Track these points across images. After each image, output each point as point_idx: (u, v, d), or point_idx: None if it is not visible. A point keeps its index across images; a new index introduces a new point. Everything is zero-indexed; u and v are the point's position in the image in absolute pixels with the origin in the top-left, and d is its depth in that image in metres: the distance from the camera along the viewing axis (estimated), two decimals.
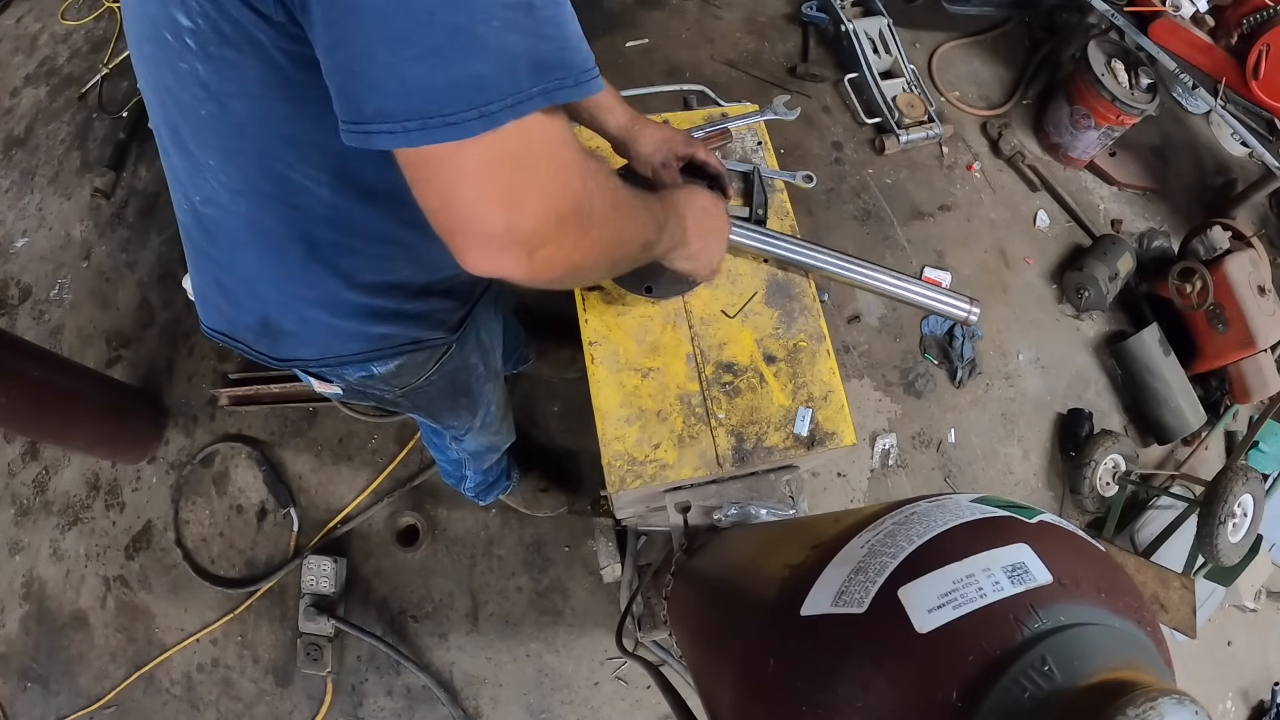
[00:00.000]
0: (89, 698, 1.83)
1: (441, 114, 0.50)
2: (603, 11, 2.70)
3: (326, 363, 0.89)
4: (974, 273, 2.49)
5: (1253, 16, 2.16)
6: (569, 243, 0.60)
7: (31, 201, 2.36)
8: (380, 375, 0.93)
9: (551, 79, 0.53)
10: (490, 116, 0.50)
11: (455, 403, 1.17)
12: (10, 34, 2.71)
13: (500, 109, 0.50)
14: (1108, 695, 0.33)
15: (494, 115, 0.50)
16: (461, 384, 1.11)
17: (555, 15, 0.52)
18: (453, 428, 1.31)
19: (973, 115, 2.76)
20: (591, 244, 0.63)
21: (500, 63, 0.50)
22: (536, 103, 0.52)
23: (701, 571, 0.91)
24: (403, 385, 0.98)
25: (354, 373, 0.92)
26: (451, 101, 0.49)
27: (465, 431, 1.32)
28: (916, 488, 2.19)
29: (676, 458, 1.00)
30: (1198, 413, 2.39)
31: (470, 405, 1.21)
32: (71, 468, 2.02)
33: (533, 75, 0.52)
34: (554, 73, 0.53)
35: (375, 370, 0.91)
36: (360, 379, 0.93)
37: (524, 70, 0.51)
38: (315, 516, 1.96)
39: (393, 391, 0.99)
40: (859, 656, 0.43)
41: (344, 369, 0.91)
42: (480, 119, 0.50)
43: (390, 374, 0.93)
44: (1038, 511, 0.48)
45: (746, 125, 1.24)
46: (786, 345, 1.08)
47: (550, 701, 1.85)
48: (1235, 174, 2.90)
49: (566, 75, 0.54)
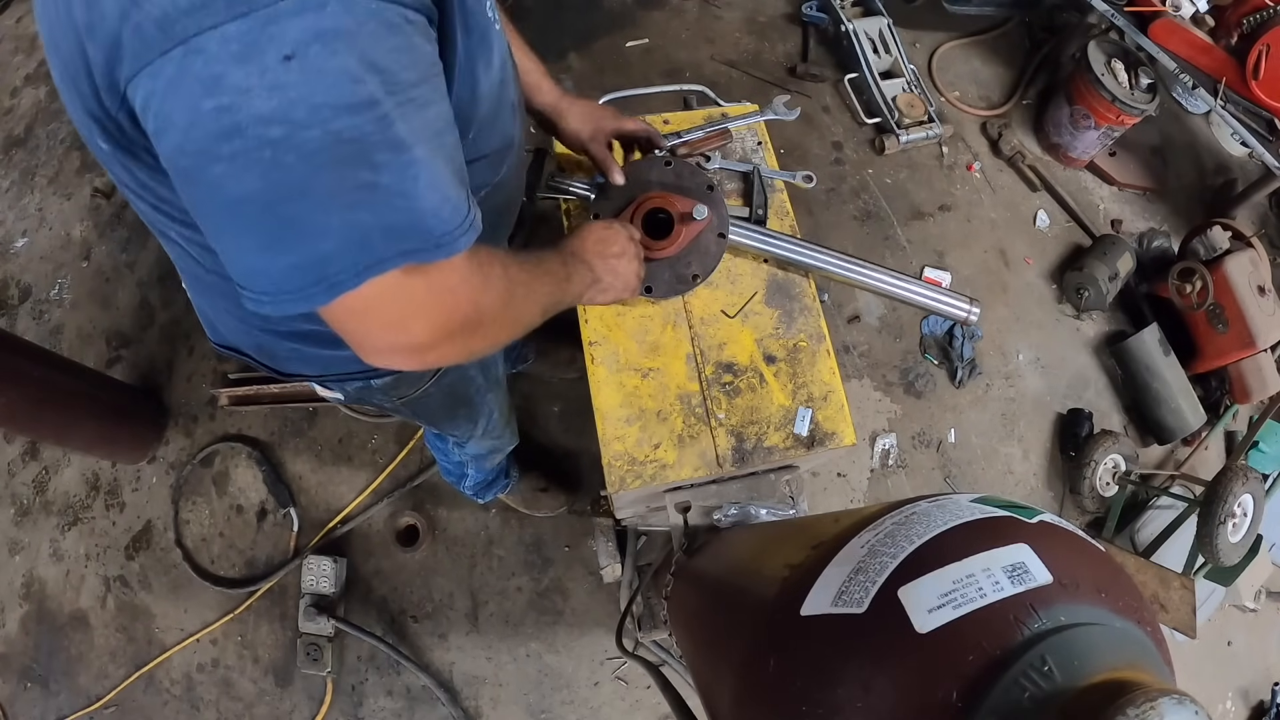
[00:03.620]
0: (89, 698, 1.83)
1: (289, 290, 0.55)
2: (603, 11, 2.70)
3: (328, 377, 0.93)
4: (974, 273, 2.49)
5: (1253, 16, 2.16)
6: (459, 346, 0.67)
7: (31, 201, 2.36)
8: (378, 387, 0.96)
9: (408, 243, 0.56)
10: (338, 285, 0.55)
11: (455, 413, 1.19)
12: (10, 34, 2.71)
13: (349, 277, 0.55)
14: (1108, 695, 0.33)
15: (342, 283, 0.55)
16: (461, 395, 1.13)
17: (403, 187, 0.54)
18: (454, 435, 1.32)
19: (973, 115, 2.76)
20: (484, 338, 0.70)
21: (347, 238, 0.54)
22: (395, 263, 0.56)
23: (701, 571, 0.91)
24: (400, 396, 1.01)
25: (353, 384, 0.95)
26: (295, 280, 0.55)
27: (467, 438, 1.34)
28: (916, 488, 2.19)
29: (676, 458, 1.00)
30: (1198, 413, 2.39)
31: (470, 415, 1.23)
32: (71, 468, 2.02)
33: (389, 240, 0.55)
34: (410, 238, 0.56)
35: (373, 383, 0.95)
36: (358, 389, 0.96)
37: (377, 238, 0.55)
38: (315, 516, 1.96)
39: (392, 401, 1.02)
40: (859, 656, 0.43)
41: (344, 382, 0.95)
42: (327, 289, 0.55)
43: (387, 385, 0.96)
44: (1038, 511, 0.48)
45: (746, 125, 1.24)
46: (786, 345, 1.08)
47: (550, 701, 1.85)
48: (1235, 174, 2.90)
49: (425, 240, 0.57)
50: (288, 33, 0.47)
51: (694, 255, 1.05)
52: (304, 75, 0.48)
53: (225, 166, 0.50)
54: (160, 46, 0.47)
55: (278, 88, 0.47)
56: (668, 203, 1.05)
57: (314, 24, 0.47)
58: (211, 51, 0.46)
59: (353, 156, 0.51)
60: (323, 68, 0.48)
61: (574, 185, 1.12)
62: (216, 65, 0.47)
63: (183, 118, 0.49)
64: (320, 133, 0.49)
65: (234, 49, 0.46)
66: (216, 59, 0.46)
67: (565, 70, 2.56)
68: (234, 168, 0.50)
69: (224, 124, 0.48)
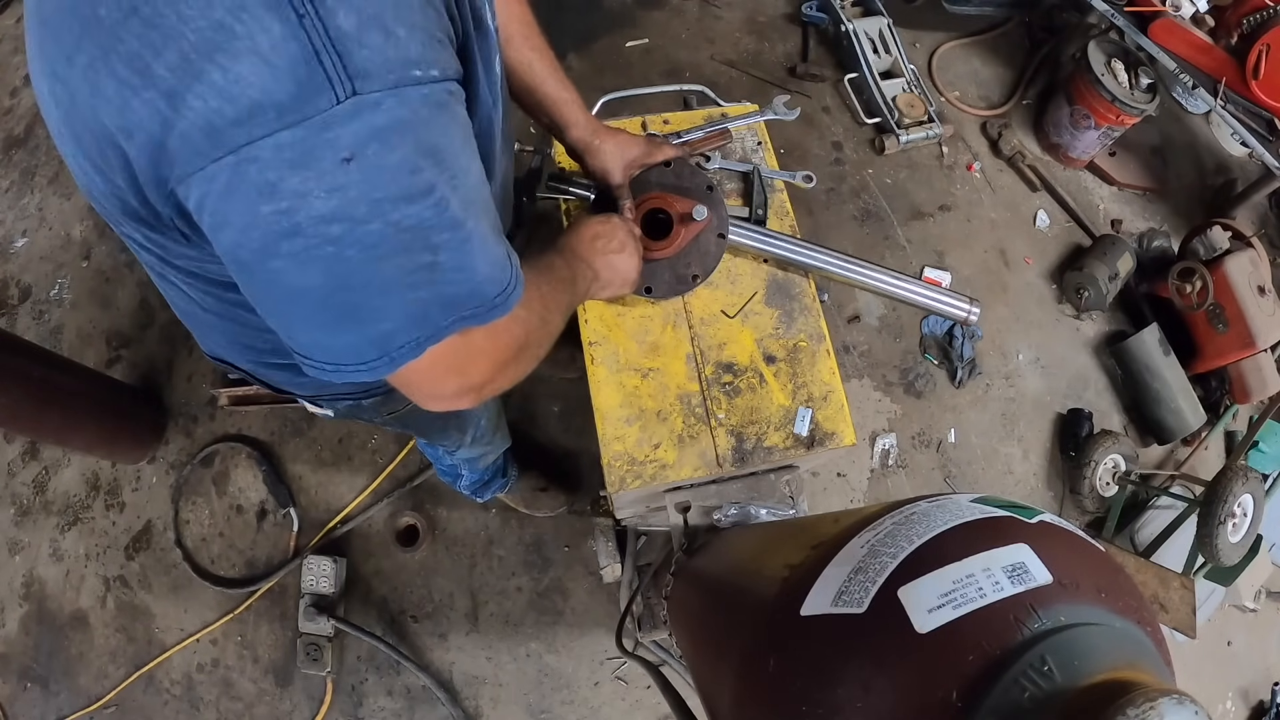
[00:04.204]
0: (89, 698, 1.83)
1: (350, 364, 0.56)
2: (603, 11, 2.70)
3: (320, 397, 0.95)
4: (974, 273, 2.49)
5: (1253, 16, 2.16)
6: (512, 373, 0.69)
7: (31, 201, 2.36)
8: (368, 405, 0.97)
9: (466, 309, 0.57)
10: (400, 358, 0.56)
11: (446, 423, 1.21)
12: (10, 34, 2.70)
13: (410, 350, 0.56)
14: (1108, 695, 0.33)
15: (404, 356, 0.56)
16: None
17: (460, 261, 0.55)
18: (443, 445, 1.34)
19: (973, 115, 2.76)
20: (531, 359, 0.72)
21: (407, 315, 0.55)
22: (453, 329, 0.57)
23: (701, 571, 0.91)
24: (390, 411, 1.02)
25: (343, 402, 0.96)
26: (357, 355, 0.56)
27: (456, 446, 1.36)
28: (916, 488, 2.19)
29: (676, 458, 1.00)
30: (1198, 413, 2.39)
31: (459, 426, 1.25)
32: (71, 468, 2.02)
33: (446, 311, 0.56)
34: (467, 305, 0.57)
35: (363, 402, 0.96)
36: (348, 407, 0.98)
37: (436, 311, 0.56)
38: (315, 516, 1.96)
39: (381, 416, 1.03)
40: (859, 656, 0.43)
41: (336, 401, 0.96)
42: (390, 363, 0.56)
43: (377, 403, 0.98)
44: (1038, 511, 0.48)
45: (746, 125, 1.24)
46: (786, 345, 1.08)
47: (550, 701, 1.85)
48: (1235, 174, 2.90)
49: (481, 304, 0.58)
50: (343, 137, 0.46)
51: (694, 255, 1.05)
52: (363, 174, 0.47)
53: (285, 262, 0.50)
54: (211, 155, 0.46)
55: (337, 189, 0.47)
56: (667, 203, 1.05)
57: (370, 124, 0.46)
58: (265, 159, 0.45)
59: (413, 243, 0.51)
60: (382, 165, 0.48)
61: (574, 185, 1.12)
62: (271, 172, 0.46)
63: (240, 219, 0.48)
64: (381, 225, 0.49)
65: (288, 156, 0.46)
66: (271, 166, 0.46)
67: (565, 70, 2.56)
68: (295, 263, 0.50)
69: (283, 226, 0.48)
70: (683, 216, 1.03)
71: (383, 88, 0.46)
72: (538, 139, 1.13)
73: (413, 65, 0.48)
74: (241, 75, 0.44)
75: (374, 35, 0.46)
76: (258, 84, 0.44)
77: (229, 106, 0.44)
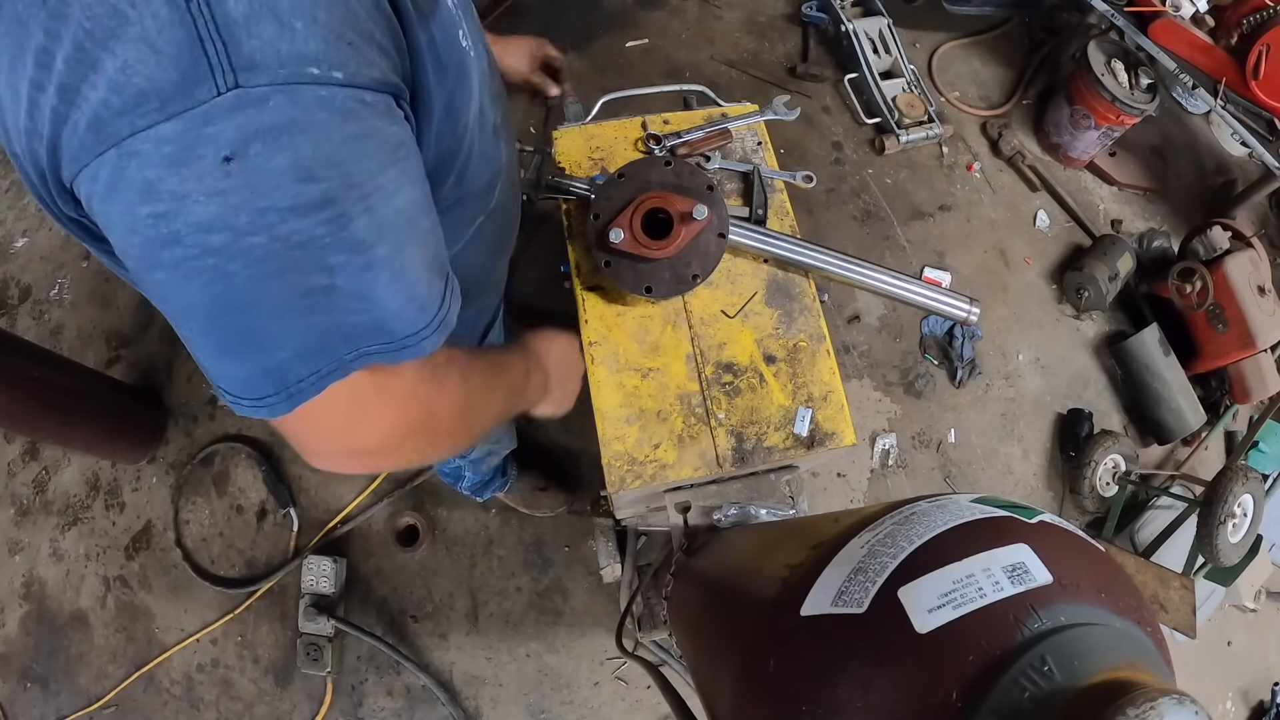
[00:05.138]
0: (89, 698, 1.83)
1: (249, 397, 0.52)
2: (603, 11, 2.70)
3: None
4: (974, 273, 2.49)
5: (1253, 16, 2.16)
6: (411, 452, 0.63)
7: (32, 201, 2.35)
8: None
9: (370, 344, 0.52)
10: (298, 394, 0.51)
11: None
12: None
13: (308, 385, 0.51)
14: (1108, 695, 0.33)
15: (302, 392, 0.51)
16: None
17: (360, 289, 0.50)
18: None
19: (973, 115, 2.76)
20: (436, 446, 0.66)
21: (304, 343, 0.50)
22: (357, 364, 0.52)
23: (701, 572, 0.91)
24: None
25: None
26: (254, 389, 0.51)
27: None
28: (916, 488, 2.19)
29: (676, 458, 1.00)
30: (1198, 413, 2.39)
31: None
32: (71, 468, 2.02)
33: (348, 342, 0.51)
34: (371, 339, 0.52)
35: None
36: None
37: (337, 341, 0.51)
38: (315, 516, 1.96)
39: None
40: (859, 656, 0.43)
41: None
42: (288, 399, 0.51)
43: None
44: (1038, 511, 0.48)
45: (746, 125, 1.24)
46: (786, 345, 1.08)
47: (550, 701, 1.85)
48: (1235, 174, 2.90)
49: (389, 341, 0.53)
50: (225, 133, 0.42)
51: (694, 255, 1.05)
52: (245, 178, 0.43)
53: (167, 274, 0.46)
54: (95, 149, 0.43)
55: (217, 194, 0.43)
56: (667, 203, 1.05)
57: (254, 121, 0.43)
58: (146, 154, 0.42)
59: (304, 261, 0.47)
60: (265, 168, 0.44)
61: (574, 185, 1.12)
62: (150, 169, 0.42)
63: (121, 222, 0.45)
64: (266, 239, 0.45)
65: (168, 151, 0.42)
66: (150, 162, 0.42)
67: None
68: (176, 276, 0.46)
69: (161, 232, 0.44)
70: (683, 216, 1.03)
71: (270, 82, 0.43)
72: (538, 139, 1.14)
73: (309, 63, 0.44)
74: (129, 62, 0.41)
75: (266, 26, 0.42)
76: (144, 71, 0.41)
77: (116, 97, 0.41)
